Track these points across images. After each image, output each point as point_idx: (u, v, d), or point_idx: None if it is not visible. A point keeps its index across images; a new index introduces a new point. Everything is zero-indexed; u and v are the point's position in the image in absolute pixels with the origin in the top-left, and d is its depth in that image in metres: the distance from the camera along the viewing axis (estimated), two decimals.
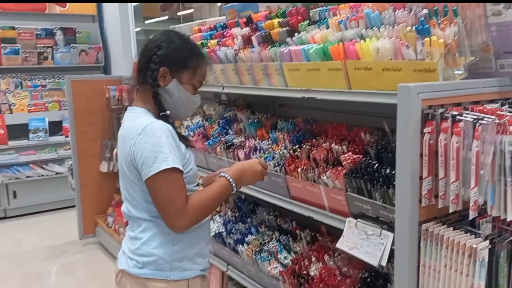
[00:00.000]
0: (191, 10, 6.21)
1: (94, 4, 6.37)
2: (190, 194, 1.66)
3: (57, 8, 6.19)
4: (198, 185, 1.86)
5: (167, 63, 1.70)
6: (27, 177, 5.71)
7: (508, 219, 1.34)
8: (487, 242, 1.34)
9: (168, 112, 1.73)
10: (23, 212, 5.76)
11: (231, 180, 1.73)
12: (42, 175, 5.79)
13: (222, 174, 1.76)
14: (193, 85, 1.76)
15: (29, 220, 5.67)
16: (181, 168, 1.62)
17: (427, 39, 1.49)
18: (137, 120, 1.67)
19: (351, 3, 1.89)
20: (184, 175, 1.67)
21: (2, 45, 5.76)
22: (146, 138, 1.60)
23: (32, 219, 5.69)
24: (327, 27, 1.93)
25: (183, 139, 1.76)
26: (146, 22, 6.63)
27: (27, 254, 4.66)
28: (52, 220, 5.63)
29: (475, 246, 1.32)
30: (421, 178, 1.41)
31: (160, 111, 1.72)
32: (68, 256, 4.61)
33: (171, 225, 1.63)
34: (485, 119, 1.31)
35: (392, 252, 1.59)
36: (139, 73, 1.76)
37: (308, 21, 2.07)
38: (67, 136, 5.87)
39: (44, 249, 4.77)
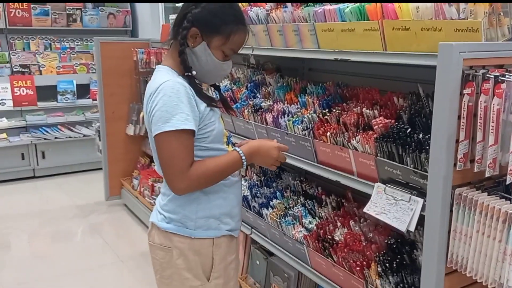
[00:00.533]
0: None
1: None
2: (200, 160, 1.64)
3: None
4: (229, 144, 1.84)
5: (199, 24, 1.65)
6: (55, 138, 5.82)
7: None
8: None
9: (194, 72, 1.69)
10: (51, 173, 5.91)
11: (242, 155, 1.71)
12: (69, 137, 5.90)
13: (235, 148, 1.75)
14: (223, 52, 1.70)
15: (57, 180, 5.81)
16: (190, 127, 1.58)
17: None
18: (157, 79, 1.64)
19: None
20: (206, 134, 1.66)
21: (32, 5, 5.80)
22: (158, 96, 1.58)
23: (60, 179, 5.83)
24: None
25: (206, 98, 1.70)
26: None
27: (56, 212, 4.79)
28: (79, 181, 5.76)
29: (510, 211, 1.28)
30: (457, 141, 1.37)
31: (185, 71, 1.68)
32: (94, 216, 4.72)
33: (170, 186, 1.64)
34: None
35: (420, 219, 1.57)
36: (173, 28, 1.72)
37: None
38: (94, 99, 5.94)
39: (71, 208, 4.90)
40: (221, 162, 1.68)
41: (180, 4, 3.80)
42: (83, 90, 6.21)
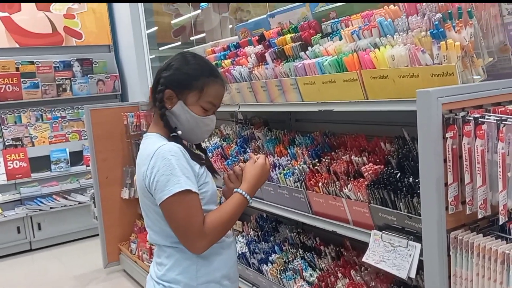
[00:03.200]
0: (203, 35, 6.29)
1: (109, 34, 6.50)
2: (208, 214, 1.64)
3: (73, 40, 6.33)
4: (220, 203, 1.83)
5: (172, 85, 1.68)
6: (51, 208, 5.76)
7: None
8: None
9: (179, 132, 1.71)
10: (48, 244, 5.80)
11: (245, 194, 1.71)
12: (65, 205, 5.84)
13: (236, 189, 1.73)
14: (202, 106, 1.70)
15: (54, 250, 5.70)
16: (194, 189, 1.59)
17: (443, 42, 1.47)
18: (149, 146, 1.65)
19: (363, 13, 1.87)
20: (201, 196, 1.65)
21: (22, 79, 5.89)
22: (157, 162, 1.58)
23: (57, 249, 5.73)
24: (340, 39, 1.92)
25: (196, 157, 1.72)
26: (161, 48, 6.73)
27: (54, 284, 4.68)
28: (77, 250, 5.66)
29: (507, 251, 1.26)
30: (446, 184, 1.37)
31: (170, 132, 1.70)
32: (94, 285, 4.60)
33: (190, 248, 1.62)
34: (508, 120, 1.27)
35: (420, 263, 1.54)
36: (151, 95, 1.75)
37: (320, 34, 2.06)
38: (88, 165, 5.93)
39: (70, 278, 4.78)
40: (229, 208, 1.67)
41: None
42: (76, 157, 6.21)
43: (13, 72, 5.87)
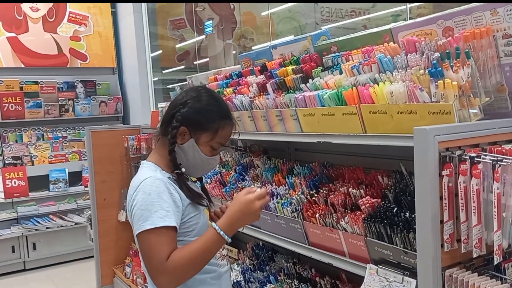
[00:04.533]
0: (207, 59, 6.37)
1: (113, 57, 6.59)
2: (176, 250, 1.58)
3: (78, 62, 6.41)
4: None
5: (187, 123, 1.70)
6: (47, 228, 5.74)
7: None
8: None
9: (183, 169, 1.72)
10: (42, 264, 5.76)
11: (219, 231, 1.59)
12: (61, 226, 5.82)
13: (213, 224, 1.63)
14: (211, 147, 1.74)
15: (48, 271, 5.65)
16: (168, 223, 1.56)
17: (440, 81, 1.49)
18: (139, 176, 1.68)
19: (363, 49, 1.91)
20: (190, 228, 1.66)
21: (25, 99, 5.95)
22: (138, 195, 1.61)
23: (51, 270, 5.68)
24: (340, 73, 1.95)
25: (195, 195, 1.71)
26: (164, 71, 6.81)
27: None
28: (70, 271, 5.61)
29: None
30: (442, 222, 1.37)
31: (174, 168, 1.72)
32: None
33: (154, 282, 1.60)
34: (504, 160, 1.29)
35: None
36: (161, 125, 1.77)
37: (321, 67, 2.09)
38: (86, 186, 5.93)
39: None
40: (197, 246, 1.58)
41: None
42: (75, 178, 6.22)
43: (16, 91, 5.93)
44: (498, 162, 1.28)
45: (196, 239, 1.62)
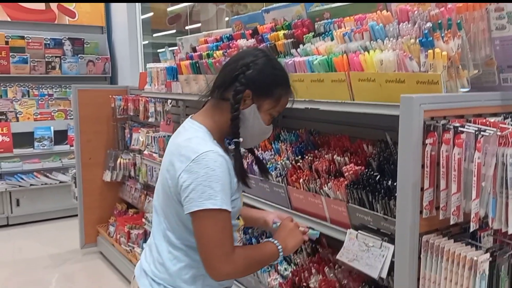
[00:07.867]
0: (199, 25, 6.27)
1: (103, 15, 6.46)
2: (239, 246, 1.58)
3: (66, 19, 6.28)
4: (238, 218, 1.74)
5: (252, 87, 1.55)
6: (31, 185, 5.73)
7: (510, 232, 1.33)
8: (488, 255, 1.33)
9: (241, 139, 1.57)
10: (25, 220, 5.78)
11: (280, 250, 1.62)
12: (45, 184, 5.82)
13: (272, 240, 1.64)
14: (271, 115, 1.62)
15: (31, 228, 5.68)
16: (229, 208, 1.47)
17: (430, 51, 1.50)
18: (193, 141, 1.51)
19: (356, 16, 1.90)
20: None
21: (11, 53, 5.83)
22: (198, 168, 1.44)
23: (34, 227, 5.71)
24: (332, 39, 1.94)
25: (244, 176, 1.59)
26: (154, 35, 6.70)
27: (29, 262, 4.66)
28: (54, 229, 5.64)
29: (475, 258, 1.31)
30: (422, 189, 1.40)
31: (233, 137, 1.56)
32: (69, 265, 4.60)
33: (212, 269, 1.48)
34: (487, 131, 1.31)
35: (392, 264, 1.58)
36: (217, 88, 1.60)
37: (313, 33, 2.08)
38: (71, 145, 5.91)
39: (45, 257, 4.77)
40: (262, 252, 1.61)
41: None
42: (61, 136, 6.18)
43: (2, 45, 5.80)
44: (481, 132, 1.30)
45: (258, 246, 1.70)
